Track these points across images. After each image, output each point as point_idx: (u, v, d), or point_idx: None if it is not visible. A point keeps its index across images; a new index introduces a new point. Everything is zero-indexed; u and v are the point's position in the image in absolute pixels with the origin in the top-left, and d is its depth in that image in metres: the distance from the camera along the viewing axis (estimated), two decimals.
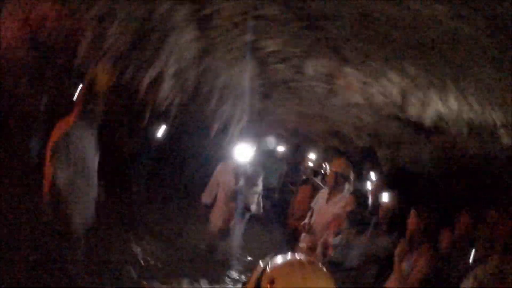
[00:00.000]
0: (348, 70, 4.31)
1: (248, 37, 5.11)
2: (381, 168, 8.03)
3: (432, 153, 7.52)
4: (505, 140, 5.35)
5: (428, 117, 4.82)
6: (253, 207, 5.66)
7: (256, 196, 5.66)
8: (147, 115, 7.87)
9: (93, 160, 3.64)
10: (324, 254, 4.78)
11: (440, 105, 4.50)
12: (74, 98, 3.57)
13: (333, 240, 4.56)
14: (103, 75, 4.19)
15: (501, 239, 4.58)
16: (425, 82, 4.16)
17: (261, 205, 5.84)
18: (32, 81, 4.90)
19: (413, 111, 4.90)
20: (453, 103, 4.49)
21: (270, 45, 5.12)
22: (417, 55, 3.81)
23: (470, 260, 4.11)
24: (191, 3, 4.94)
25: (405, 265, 4.10)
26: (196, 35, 5.60)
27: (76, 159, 3.38)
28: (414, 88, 4.45)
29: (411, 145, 7.61)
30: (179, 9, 5.11)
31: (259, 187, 5.67)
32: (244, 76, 6.32)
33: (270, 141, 9.67)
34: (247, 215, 5.75)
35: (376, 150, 8.96)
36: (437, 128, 5.92)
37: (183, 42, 5.69)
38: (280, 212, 8.49)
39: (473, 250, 4.16)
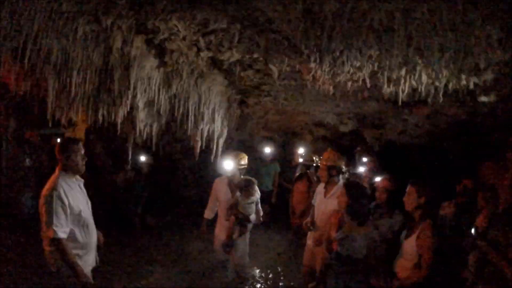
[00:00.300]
0: (311, 65, 4.29)
1: (206, 53, 5.10)
2: (371, 149, 8.03)
3: (417, 125, 7.59)
4: (482, 98, 5.46)
5: (404, 93, 4.84)
6: (253, 217, 5.61)
7: (253, 206, 5.58)
8: (129, 148, 7.93)
9: (86, 204, 3.86)
10: (329, 250, 4.74)
11: (412, 81, 4.52)
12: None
13: (336, 234, 4.51)
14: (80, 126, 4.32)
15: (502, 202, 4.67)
16: (389, 62, 4.16)
17: (260, 213, 5.77)
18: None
19: (387, 91, 4.91)
20: (423, 76, 4.54)
21: (231, 56, 5.12)
22: (374, 39, 3.83)
23: (473, 232, 4.30)
24: (143, 34, 4.94)
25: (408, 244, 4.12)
26: (157, 62, 5.60)
27: (70, 207, 3.58)
28: (381, 69, 4.45)
29: (395, 121, 7.65)
30: (134, 40, 5.12)
31: (255, 196, 5.59)
32: (216, 89, 6.31)
33: (257, 145, 9.59)
34: (250, 226, 5.68)
35: (362, 133, 8.97)
36: (417, 102, 5.99)
37: (147, 71, 5.67)
38: (280, 213, 8.52)
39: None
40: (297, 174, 7.95)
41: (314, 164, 7.47)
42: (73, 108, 5.84)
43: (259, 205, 5.76)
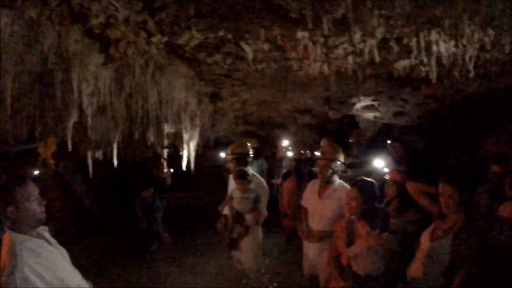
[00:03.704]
0: (300, 35, 3.18)
1: (159, 38, 4.02)
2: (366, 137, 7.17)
3: (419, 104, 6.74)
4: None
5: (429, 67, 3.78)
6: (249, 217, 5.05)
7: (248, 203, 5.01)
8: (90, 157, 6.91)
9: (64, 261, 2.73)
10: (341, 267, 3.87)
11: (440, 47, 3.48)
12: None
13: (349, 250, 3.70)
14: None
15: None
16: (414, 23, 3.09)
17: (262, 214, 5.18)
18: None
19: (401, 65, 3.87)
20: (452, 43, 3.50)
21: (190, 38, 4.06)
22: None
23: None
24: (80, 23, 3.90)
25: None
26: (103, 58, 4.58)
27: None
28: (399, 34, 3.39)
29: (394, 101, 6.77)
30: (71, 33, 4.08)
31: (253, 191, 5.01)
32: (179, 83, 5.21)
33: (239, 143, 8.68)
34: (251, 227, 5.09)
35: (355, 117, 8.16)
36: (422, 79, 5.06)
37: (92, 70, 4.67)
38: (272, 213, 7.61)
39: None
40: (285, 170, 7.14)
41: (303, 158, 6.59)
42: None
43: (260, 204, 5.09)
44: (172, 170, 6.80)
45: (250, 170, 5.31)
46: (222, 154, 6.78)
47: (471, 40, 3.39)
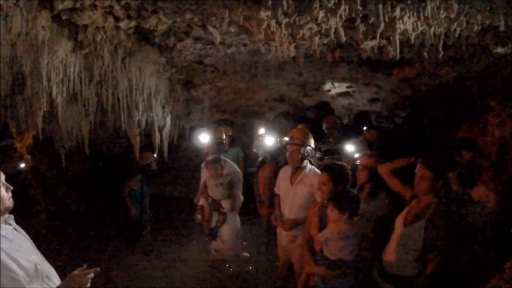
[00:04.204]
0: (262, 14, 3.15)
1: (127, 22, 3.97)
2: (342, 123, 7.18)
3: (393, 91, 6.79)
4: (498, 49, 4.54)
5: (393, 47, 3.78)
6: (225, 203, 5.19)
7: (222, 189, 5.13)
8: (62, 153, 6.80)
9: (33, 247, 2.70)
10: (314, 252, 3.94)
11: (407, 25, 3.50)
12: None
13: (320, 234, 3.73)
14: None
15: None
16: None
17: (238, 199, 5.34)
18: None
19: (368, 45, 3.87)
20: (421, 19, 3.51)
21: (158, 22, 3.99)
22: None
23: None
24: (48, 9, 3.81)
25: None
26: (72, 44, 4.49)
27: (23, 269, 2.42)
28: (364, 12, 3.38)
29: (368, 87, 6.81)
30: (38, 19, 3.99)
31: (226, 177, 5.15)
32: (149, 69, 5.15)
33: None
34: (229, 214, 5.22)
35: (330, 104, 8.18)
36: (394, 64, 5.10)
37: (61, 57, 4.57)
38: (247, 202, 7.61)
39: None
40: (260, 158, 7.11)
41: (279, 145, 6.59)
42: None
43: (235, 189, 5.21)
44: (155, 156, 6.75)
45: (222, 156, 5.30)
46: (198, 144, 6.72)
47: (436, 16, 3.41)
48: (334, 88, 7.37)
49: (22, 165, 7.42)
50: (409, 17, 3.33)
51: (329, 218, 3.63)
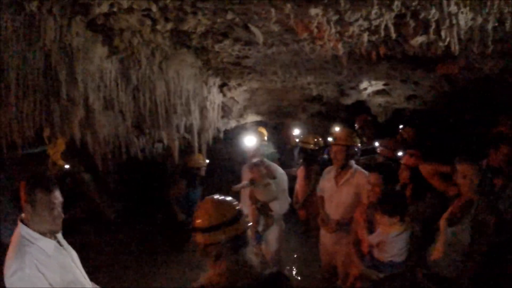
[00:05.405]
0: (313, 11, 2.97)
1: (164, 25, 3.85)
2: (373, 121, 6.99)
3: (432, 87, 6.53)
4: None
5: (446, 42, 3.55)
6: (275, 206, 5.03)
7: (271, 191, 4.93)
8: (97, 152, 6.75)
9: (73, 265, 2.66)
10: (362, 256, 3.91)
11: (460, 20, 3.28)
12: None
13: (371, 237, 3.74)
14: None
15: None
16: None
17: (287, 202, 5.29)
18: None
19: (418, 41, 3.66)
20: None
21: (197, 24, 3.86)
22: None
23: None
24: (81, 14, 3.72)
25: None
26: (107, 50, 4.41)
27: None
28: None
29: (406, 85, 6.56)
30: (72, 26, 3.93)
31: (273, 178, 5.02)
32: (187, 73, 5.04)
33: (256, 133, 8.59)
34: (276, 216, 5.07)
35: (366, 102, 7.96)
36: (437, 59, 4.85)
37: (96, 63, 4.49)
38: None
39: None
40: (297, 160, 7.25)
41: (312, 147, 6.43)
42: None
43: (282, 190, 5.15)
44: (207, 160, 6.63)
45: (264, 158, 5.19)
46: (234, 146, 6.62)
47: (491, 10, 3.19)
48: (370, 86, 7.15)
49: (56, 171, 7.42)
50: (462, 13, 3.11)
51: (380, 220, 3.60)
